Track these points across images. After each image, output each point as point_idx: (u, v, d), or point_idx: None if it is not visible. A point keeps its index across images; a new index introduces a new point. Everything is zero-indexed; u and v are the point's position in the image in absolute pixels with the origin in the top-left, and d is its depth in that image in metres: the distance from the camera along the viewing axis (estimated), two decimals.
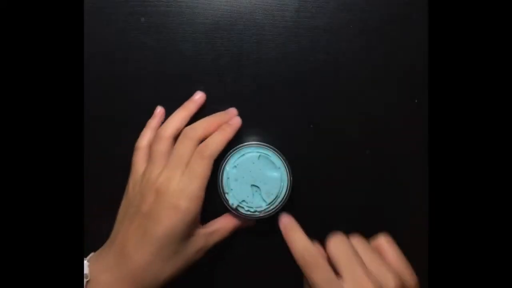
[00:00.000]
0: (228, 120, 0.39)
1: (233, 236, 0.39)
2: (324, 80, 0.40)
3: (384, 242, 0.34)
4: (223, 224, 0.38)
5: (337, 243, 0.33)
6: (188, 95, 0.40)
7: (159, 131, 0.38)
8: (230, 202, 0.37)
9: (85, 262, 0.34)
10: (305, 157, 0.40)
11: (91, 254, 0.36)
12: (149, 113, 0.40)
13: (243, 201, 0.37)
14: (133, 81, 0.40)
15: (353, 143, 0.41)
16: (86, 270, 0.33)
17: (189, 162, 0.35)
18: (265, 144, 0.37)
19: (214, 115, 0.39)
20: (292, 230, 0.35)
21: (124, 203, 0.38)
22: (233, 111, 0.39)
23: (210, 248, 0.37)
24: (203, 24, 0.39)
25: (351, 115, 0.41)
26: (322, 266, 0.32)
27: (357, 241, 0.34)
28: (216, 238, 0.37)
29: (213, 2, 0.39)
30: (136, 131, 0.40)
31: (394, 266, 0.33)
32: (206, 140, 0.37)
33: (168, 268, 0.35)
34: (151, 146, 0.38)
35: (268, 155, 0.37)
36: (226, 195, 0.37)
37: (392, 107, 0.41)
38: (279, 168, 0.37)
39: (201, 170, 0.35)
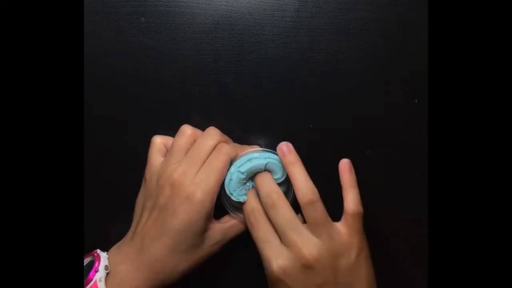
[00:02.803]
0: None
1: (235, 239, 0.39)
2: (324, 80, 0.40)
3: None
4: (239, 219, 0.38)
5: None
6: (188, 95, 0.40)
7: (183, 127, 0.38)
8: (235, 198, 0.37)
9: (105, 254, 0.35)
10: (305, 157, 0.40)
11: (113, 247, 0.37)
12: (149, 113, 0.41)
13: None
14: (133, 81, 0.40)
15: (353, 143, 0.41)
16: (106, 262, 0.34)
17: (207, 159, 0.36)
18: (272, 151, 0.38)
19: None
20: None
21: (141, 195, 0.39)
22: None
23: (227, 242, 0.38)
24: (203, 24, 0.39)
25: (351, 115, 0.41)
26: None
27: None
28: (232, 232, 0.38)
29: (213, 2, 0.39)
30: (136, 131, 0.41)
31: None
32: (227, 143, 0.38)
33: (185, 261, 0.35)
34: (173, 141, 0.38)
35: (275, 160, 0.38)
36: (231, 196, 0.37)
37: (392, 107, 0.41)
38: (286, 176, 0.37)
39: (218, 165, 0.35)
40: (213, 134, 0.37)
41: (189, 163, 0.35)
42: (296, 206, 0.36)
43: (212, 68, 0.40)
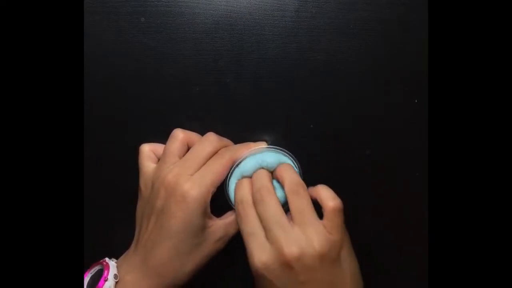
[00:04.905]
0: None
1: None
2: (324, 80, 0.40)
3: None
4: None
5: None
6: (188, 95, 0.40)
7: (174, 131, 0.38)
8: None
9: (114, 263, 0.35)
10: (305, 157, 0.40)
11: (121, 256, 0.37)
12: (149, 113, 0.41)
13: None
14: (133, 81, 0.40)
15: (353, 143, 0.41)
16: (115, 270, 0.34)
17: (206, 162, 0.36)
18: (281, 148, 0.38)
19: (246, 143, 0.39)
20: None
21: (139, 204, 0.38)
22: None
23: (230, 238, 0.38)
24: (203, 24, 0.39)
25: (351, 115, 0.41)
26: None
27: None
28: (234, 227, 0.38)
29: (213, 2, 0.39)
30: (136, 130, 0.41)
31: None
32: (230, 146, 0.37)
33: (190, 261, 0.35)
34: (165, 146, 0.38)
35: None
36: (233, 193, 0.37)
37: (392, 107, 0.41)
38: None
39: (218, 168, 0.35)
40: (212, 140, 0.37)
41: (185, 165, 0.35)
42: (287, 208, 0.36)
43: (212, 68, 0.40)
